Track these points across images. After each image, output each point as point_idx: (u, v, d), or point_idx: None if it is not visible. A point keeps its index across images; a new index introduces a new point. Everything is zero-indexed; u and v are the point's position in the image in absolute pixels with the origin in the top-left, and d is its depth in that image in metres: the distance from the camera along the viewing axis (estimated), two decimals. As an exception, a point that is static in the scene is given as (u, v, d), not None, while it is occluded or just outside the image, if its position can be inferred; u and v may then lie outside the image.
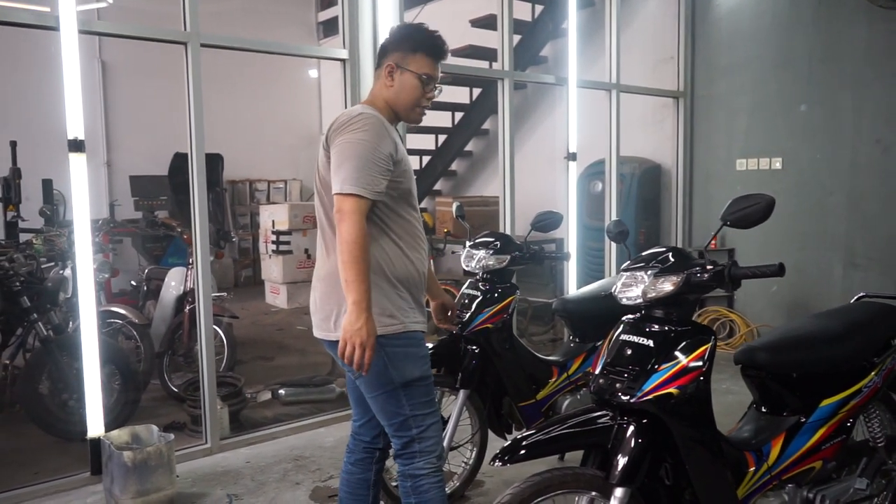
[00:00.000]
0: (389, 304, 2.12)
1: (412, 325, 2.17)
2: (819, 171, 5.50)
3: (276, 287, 8.67)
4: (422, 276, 2.23)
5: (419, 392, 2.18)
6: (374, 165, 2.02)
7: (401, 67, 2.20)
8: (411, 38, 2.22)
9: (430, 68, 2.21)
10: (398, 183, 2.14)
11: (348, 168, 2.01)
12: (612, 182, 5.80)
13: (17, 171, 6.32)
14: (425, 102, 2.25)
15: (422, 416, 2.18)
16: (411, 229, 2.20)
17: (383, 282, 2.12)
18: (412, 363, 2.16)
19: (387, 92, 2.22)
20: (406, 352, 2.15)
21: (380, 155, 2.04)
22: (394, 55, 2.21)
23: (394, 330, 2.12)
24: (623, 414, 1.94)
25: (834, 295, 5.37)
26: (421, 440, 2.18)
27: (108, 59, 9.13)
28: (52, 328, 4.05)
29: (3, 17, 3.22)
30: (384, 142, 2.06)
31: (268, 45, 4.52)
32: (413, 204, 2.23)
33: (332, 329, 2.15)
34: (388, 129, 2.11)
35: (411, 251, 2.19)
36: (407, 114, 2.25)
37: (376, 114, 2.13)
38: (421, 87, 2.20)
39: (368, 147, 2.03)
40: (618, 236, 3.05)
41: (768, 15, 5.76)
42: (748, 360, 2.32)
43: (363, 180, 2.00)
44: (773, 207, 1.95)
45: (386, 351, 2.09)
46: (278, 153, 10.77)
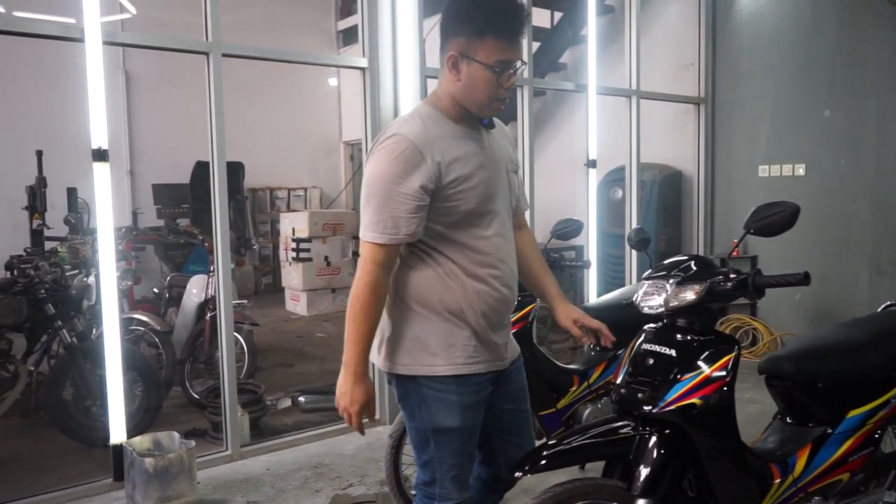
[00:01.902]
0: (435, 340, 1.86)
1: (464, 368, 1.86)
2: (843, 177, 5.43)
3: (296, 294, 8.71)
4: (499, 306, 1.91)
5: (449, 442, 1.89)
6: (399, 205, 1.74)
7: (466, 57, 1.78)
8: (474, 18, 1.76)
9: (504, 52, 1.77)
10: (454, 206, 1.81)
11: (369, 210, 1.77)
12: (633, 189, 5.76)
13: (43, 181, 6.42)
14: (503, 94, 1.82)
15: (447, 467, 1.91)
16: (477, 256, 1.86)
17: (432, 315, 1.86)
18: (447, 412, 1.87)
19: (453, 86, 1.83)
20: (442, 398, 1.86)
21: (406, 191, 1.73)
22: (456, 41, 1.79)
23: (431, 372, 1.86)
24: (645, 424, 1.92)
25: (859, 303, 5.28)
26: (441, 487, 1.94)
27: (131, 69, 9.25)
28: (75, 335, 4.10)
29: (31, 29, 3.29)
30: (414, 173, 1.74)
31: (288, 55, 4.56)
32: (482, 224, 1.86)
33: (375, 354, 1.96)
34: (423, 154, 1.75)
35: (476, 281, 1.86)
36: (481, 110, 1.85)
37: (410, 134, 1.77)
38: (495, 79, 1.78)
39: (391, 182, 1.74)
40: (639, 244, 3.03)
41: (790, 20, 5.70)
42: (773, 369, 2.29)
43: (381, 225, 1.75)
44: (798, 215, 1.93)
45: (422, 392, 1.88)
46: (298, 161, 10.84)
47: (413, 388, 1.90)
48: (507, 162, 1.99)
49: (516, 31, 1.79)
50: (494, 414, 2.01)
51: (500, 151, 1.97)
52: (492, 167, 1.90)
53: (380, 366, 1.95)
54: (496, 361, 1.94)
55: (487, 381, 1.93)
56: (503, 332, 1.97)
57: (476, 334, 1.88)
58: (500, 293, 1.90)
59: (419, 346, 1.87)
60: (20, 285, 4.07)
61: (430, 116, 1.86)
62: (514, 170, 2.03)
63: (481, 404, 1.93)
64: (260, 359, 5.46)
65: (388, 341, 1.92)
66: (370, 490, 3.43)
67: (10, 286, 4.08)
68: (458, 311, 1.86)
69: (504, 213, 1.95)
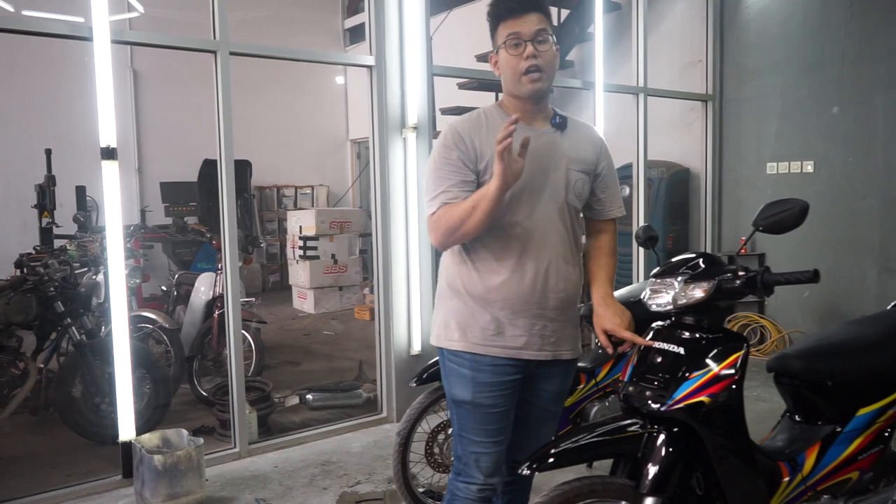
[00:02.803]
0: (454, 318, 2.03)
1: (477, 349, 1.98)
2: (852, 174, 5.40)
3: (303, 292, 8.73)
4: (527, 297, 1.96)
5: (468, 416, 2.03)
6: (446, 178, 1.93)
7: (495, 51, 2.02)
8: (489, 19, 2.01)
9: (510, 28, 1.94)
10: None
11: (428, 191, 1.97)
12: (640, 186, 5.75)
13: (52, 179, 6.47)
14: (525, 65, 1.92)
15: (467, 441, 2.05)
16: (506, 245, 1.96)
17: (458, 296, 2.02)
18: (461, 385, 2.02)
19: (503, 83, 2.03)
20: (459, 371, 2.02)
21: (449, 166, 1.93)
22: (493, 43, 2.02)
23: (448, 346, 2.04)
24: (653, 422, 1.91)
25: (868, 300, 5.25)
26: (465, 464, 2.06)
27: (139, 67, 9.29)
28: (85, 333, 4.12)
29: (39, 28, 3.30)
30: (454, 151, 1.94)
31: (295, 53, 4.56)
32: (518, 214, 1.96)
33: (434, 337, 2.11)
34: (462, 137, 1.94)
35: (501, 269, 1.96)
36: (520, 90, 1.97)
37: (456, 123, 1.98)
38: (511, 55, 1.94)
39: (439, 163, 1.95)
40: (647, 241, 3.02)
41: (799, 17, 5.67)
42: (782, 367, 2.28)
43: (439, 197, 1.93)
44: (807, 212, 1.92)
45: (446, 363, 2.07)
46: (306, 159, 10.87)
47: (442, 359, 2.10)
48: (574, 161, 2.04)
49: (513, 10, 1.93)
50: (521, 404, 2.10)
51: (570, 152, 2.04)
52: (543, 162, 1.99)
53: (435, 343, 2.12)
54: (523, 350, 2.00)
55: (510, 366, 2.00)
56: (545, 324, 2.01)
57: (497, 320, 1.98)
58: (528, 284, 1.96)
59: (445, 322, 2.05)
60: (30, 283, 4.09)
61: (490, 112, 2.04)
62: (584, 170, 2.07)
63: (502, 387, 2.00)
64: (267, 356, 5.47)
65: (434, 315, 2.13)
66: (378, 488, 3.44)
67: (19, 284, 4.10)
68: (481, 296, 1.98)
69: (552, 208, 2.00)
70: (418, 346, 4.39)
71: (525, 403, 2.10)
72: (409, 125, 4.31)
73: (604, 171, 2.15)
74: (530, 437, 2.13)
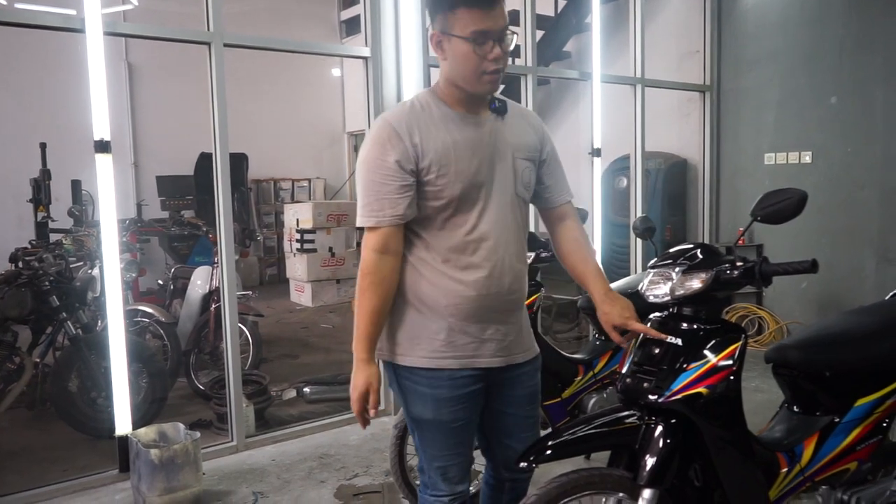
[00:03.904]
0: (403, 330, 1.85)
1: (428, 362, 1.82)
2: (850, 164, 5.38)
3: (300, 285, 8.72)
4: (481, 300, 1.82)
5: (429, 433, 1.89)
6: (381, 186, 1.74)
7: (446, 34, 1.75)
8: None
9: (478, 22, 1.70)
10: (437, 191, 1.78)
11: (360, 196, 1.80)
12: (638, 178, 5.73)
13: (47, 173, 6.44)
14: (490, 66, 1.74)
15: (430, 457, 1.91)
16: (457, 246, 1.81)
17: (405, 304, 1.84)
18: (420, 403, 1.86)
19: (444, 67, 1.80)
20: (415, 389, 1.86)
21: (385, 171, 1.74)
22: (437, 21, 1.77)
23: (400, 362, 1.86)
24: (651, 414, 1.91)
25: (866, 291, 5.25)
26: (428, 476, 1.95)
27: (134, 60, 9.24)
28: (80, 327, 4.10)
29: (31, 20, 3.27)
30: (390, 153, 1.74)
31: (290, 45, 4.54)
32: (469, 212, 1.81)
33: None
34: (399, 134, 1.75)
35: (453, 271, 1.81)
36: (472, 86, 1.78)
37: (391, 117, 1.79)
38: (474, 51, 1.72)
39: (372, 164, 1.76)
40: (644, 233, 3.01)
41: (796, 6, 5.65)
42: (780, 358, 2.27)
43: (368, 208, 1.76)
44: (805, 202, 1.90)
45: (399, 380, 1.90)
46: (302, 152, 10.84)
47: (392, 375, 1.92)
48: (518, 149, 1.89)
49: (487, 0, 1.71)
50: (493, 414, 1.98)
51: (512, 138, 1.89)
52: (489, 153, 1.83)
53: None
54: (480, 358, 1.86)
55: (469, 377, 1.85)
56: (497, 328, 1.88)
57: (450, 328, 1.82)
58: (481, 286, 1.82)
59: (391, 333, 1.87)
60: (24, 277, 4.08)
61: (425, 101, 1.84)
62: (529, 157, 1.92)
63: (463, 400, 1.85)
64: (265, 350, 5.46)
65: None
66: (375, 481, 3.44)
67: (14, 278, 4.08)
68: (431, 302, 1.82)
69: (503, 203, 1.86)
70: (416, 338, 4.38)
71: (501, 415, 1.97)
72: (405, 117, 4.29)
73: (548, 157, 1.99)
74: (512, 448, 1.98)
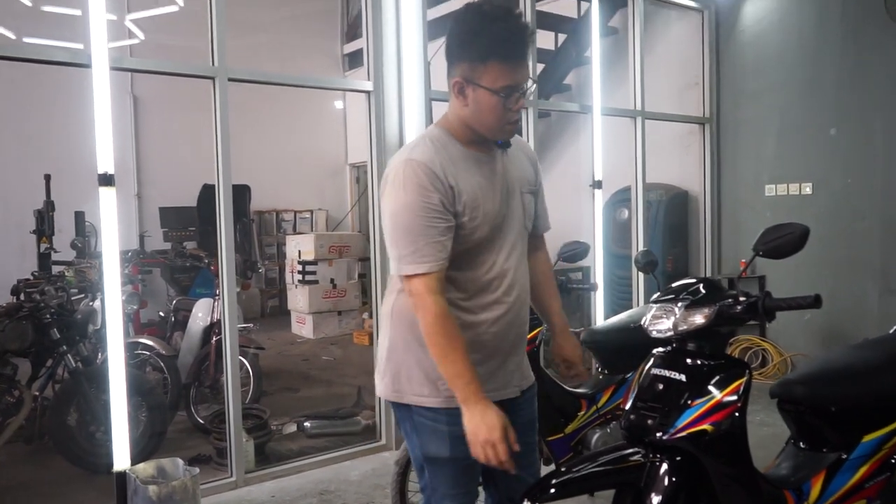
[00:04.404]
0: (419, 369, 1.83)
1: (451, 402, 1.77)
2: (851, 195, 5.40)
3: (302, 317, 8.69)
4: (502, 335, 1.86)
5: (442, 472, 1.88)
6: (431, 229, 1.71)
7: (472, 83, 1.74)
8: (476, 44, 1.72)
9: (508, 77, 1.72)
10: (467, 234, 1.78)
11: (403, 242, 1.72)
12: (639, 209, 5.74)
13: (51, 204, 6.46)
14: (513, 117, 1.78)
15: (441, 495, 1.89)
16: (480, 286, 1.82)
17: (418, 345, 1.81)
18: (438, 441, 1.84)
19: (462, 112, 1.80)
20: (433, 427, 1.84)
21: (433, 214, 1.71)
22: (460, 67, 1.75)
23: (420, 402, 1.84)
24: (656, 451, 1.89)
25: (870, 323, 5.22)
26: None
27: (139, 93, 9.34)
28: (80, 360, 4.08)
29: (38, 55, 3.32)
30: (434, 195, 1.72)
31: (294, 79, 4.59)
32: (491, 251, 1.83)
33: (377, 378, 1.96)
34: (437, 175, 1.73)
35: (476, 311, 1.82)
36: (493, 134, 1.81)
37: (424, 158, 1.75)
38: (501, 104, 1.74)
39: (418, 209, 1.71)
40: (646, 266, 3.00)
41: (794, 40, 5.71)
42: (785, 393, 2.25)
43: (420, 253, 1.70)
44: (807, 237, 1.91)
45: (414, 419, 1.87)
46: (304, 183, 10.88)
47: (406, 415, 1.89)
48: (522, 183, 1.93)
49: (520, 54, 1.73)
50: None
51: (516, 172, 1.92)
52: (504, 192, 1.86)
53: (377, 390, 1.96)
54: (498, 391, 1.87)
55: None
56: (510, 359, 1.91)
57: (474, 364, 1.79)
58: (502, 322, 1.85)
59: (410, 375, 1.85)
60: (26, 310, 4.07)
61: (440, 139, 1.82)
62: (531, 190, 1.97)
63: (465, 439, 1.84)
64: (265, 383, 5.42)
65: (384, 366, 1.92)
66: (376, 517, 3.39)
67: (16, 311, 4.08)
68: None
69: (516, 238, 1.89)
70: (417, 371, 4.35)
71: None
72: (407, 150, 4.31)
73: (540, 186, 2.03)
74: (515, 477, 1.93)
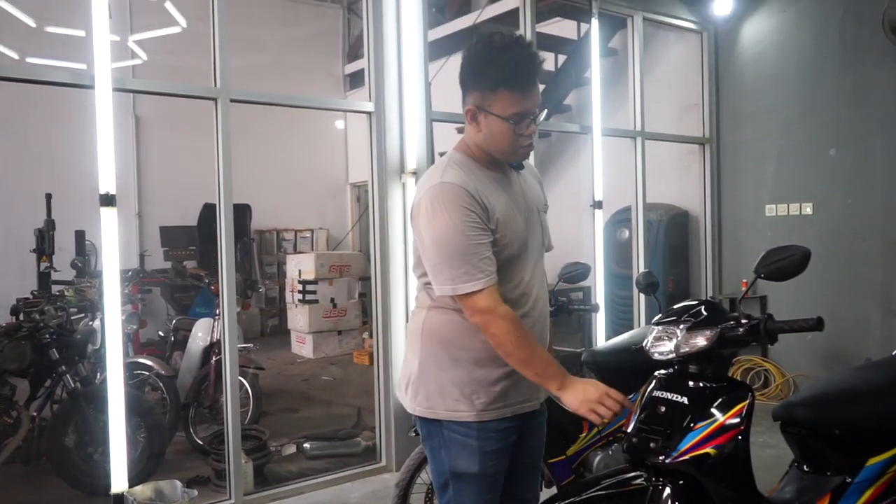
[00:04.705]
0: (455, 386, 1.88)
1: (485, 415, 1.87)
2: (851, 216, 5.40)
3: (302, 336, 8.67)
4: None
5: (468, 488, 1.91)
6: (479, 246, 1.78)
7: (483, 110, 1.84)
8: (486, 73, 1.81)
9: (518, 105, 1.81)
10: (499, 251, 1.84)
11: (455, 263, 1.77)
12: (640, 229, 5.75)
13: (51, 223, 6.46)
14: (525, 141, 1.87)
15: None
16: (515, 298, 1.89)
17: (458, 360, 1.89)
18: (467, 456, 1.88)
19: (477, 137, 1.89)
20: (464, 442, 1.89)
21: (480, 232, 1.79)
22: (472, 95, 1.85)
23: (454, 417, 1.89)
24: (658, 475, 1.87)
25: (872, 343, 5.20)
26: None
27: (141, 113, 9.39)
28: (79, 380, 4.06)
29: (42, 76, 3.35)
30: (475, 214, 1.79)
31: (295, 100, 4.62)
32: (518, 268, 1.91)
33: (402, 394, 2.01)
34: (474, 196, 1.81)
35: None
36: (506, 158, 1.91)
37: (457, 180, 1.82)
38: (512, 130, 1.83)
39: (463, 229, 1.77)
40: (647, 288, 2.99)
41: (792, 62, 5.75)
42: (788, 416, 2.23)
43: (476, 270, 1.77)
44: (808, 260, 1.90)
45: (444, 434, 1.91)
46: (305, 203, 10.90)
47: (436, 430, 1.93)
48: (538, 203, 2.04)
49: (527, 83, 1.82)
50: (510, 466, 1.99)
51: (531, 192, 2.02)
52: (525, 210, 1.95)
53: (406, 407, 1.99)
54: (527, 402, 1.95)
55: (512, 428, 1.93)
56: None
57: (506, 377, 1.89)
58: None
59: (443, 391, 1.90)
60: (25, 330, 4.06)
61: (465, 163, 1.90)
62: (543, 210, 2.07)
63: (503, 452, 1.93)
64: (265, 403, 5.40)
65: (414, 383, 1.95)
66: (376, 540, 3.35)
67: (15, 331, 4.07)
68: (485, 358, 1.87)
69: (537, 255, 2.00)
70: (418, 392, 4.33)
71: (516, 466, 2.01)
72: (408, 170, 4.33)
73: (547, 205, 2.12)
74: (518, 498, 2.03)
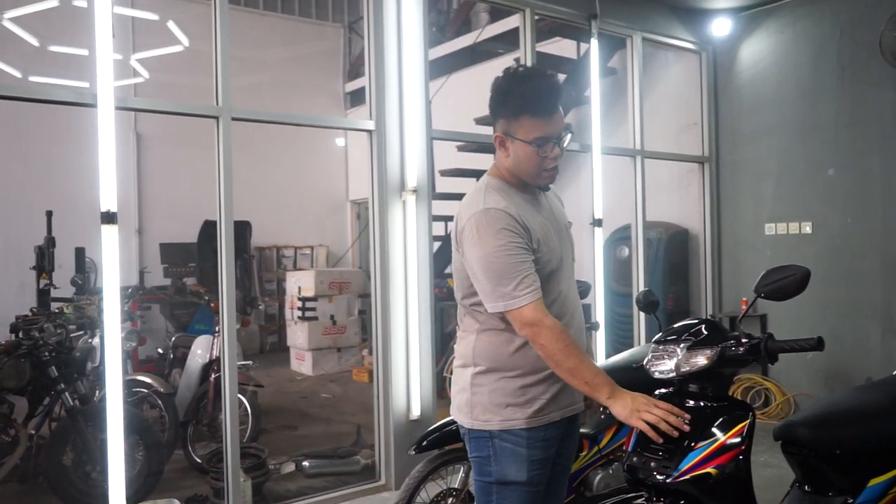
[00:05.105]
0: (506, 398, 1.98)
1: (535, 421, 1.97)
2: (850, 235, 5.41)
3: (301, 354, 8.65)
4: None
5: (513, 498, 1.98)
6: (522, 264, 1.89)
7: (510, 136, 1.97)
8: (509, 102, 1.96)
9: (540, 129, 1.94)
10: (540, 269, 1.95)
11: (505, 282, 1.88)
12: (639, 247, 5.76)
13: (52, 240, 6.47)
14: (550, 164, 1.99)
15: None
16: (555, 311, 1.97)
17: (500, 376, 1.99)
18: (517, 465, 1.97)
19: (507, 162, 2.02)
20: (515, 451, 1.97)
21: (521, 250, 1.90)
22: (500, 123, 1.99)
23: (508, 426, 1.97)
24: (659, 494, 1.86)
25: (873, 362, 5.19)
26: None
27: (142, 130, 9.44)
28: (78, 398, 4.05)
29: (45, 95, 3.35)
30: (515, 233, 1.90)
31: (296, 118, 4.64)
32: (555, 283, 2.01)
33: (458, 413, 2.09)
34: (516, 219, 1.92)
35: None
36: (533, 181, 2.04)
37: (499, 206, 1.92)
38: (536, 153, 1.95)
39: (508, 249, 1.88)
40: (647, 307, 3.00)
41: (791, 82, 5.79)
42: (789, 436, 2.22)
43: (524, 286, 1.87)
44: (808, 279, 1.91)
45: (496, 444, 1.99)
46: (305, 220, 10.93)
47: (486, 442, 2.01)
48: (564, 221, 2.18)
49: (548, 109, 1.95)
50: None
51: (556, 211, 2.16)
52: (556, 227, 2.09)
53: (464, 424, 2.06)
54: (572, 406, 2.06)
55: (555, 437, 2.03)
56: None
57: (553, 384, 1.99)
58: None
59: (496, 402, 1.99)
60: (24, 348, 4.05)
61: (502, 188, 2.02)
62: (568, 227, 2.20)
63: (547, 462, 2.02)
64: (264, 420, 5.37)
65: (470, 399, 2.03)
66: (375, 560, 3.33)
67: (14, 349, 4.06)
68: (538, 366, 1.97)
69: (570, 268, 2.13)
70: (417, 410, 4.32)
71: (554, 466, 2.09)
72: (408, 188, 4.35)
73: (571, 222, 2.25)
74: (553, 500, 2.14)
